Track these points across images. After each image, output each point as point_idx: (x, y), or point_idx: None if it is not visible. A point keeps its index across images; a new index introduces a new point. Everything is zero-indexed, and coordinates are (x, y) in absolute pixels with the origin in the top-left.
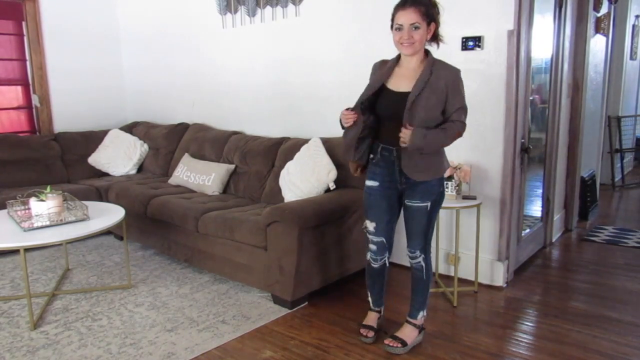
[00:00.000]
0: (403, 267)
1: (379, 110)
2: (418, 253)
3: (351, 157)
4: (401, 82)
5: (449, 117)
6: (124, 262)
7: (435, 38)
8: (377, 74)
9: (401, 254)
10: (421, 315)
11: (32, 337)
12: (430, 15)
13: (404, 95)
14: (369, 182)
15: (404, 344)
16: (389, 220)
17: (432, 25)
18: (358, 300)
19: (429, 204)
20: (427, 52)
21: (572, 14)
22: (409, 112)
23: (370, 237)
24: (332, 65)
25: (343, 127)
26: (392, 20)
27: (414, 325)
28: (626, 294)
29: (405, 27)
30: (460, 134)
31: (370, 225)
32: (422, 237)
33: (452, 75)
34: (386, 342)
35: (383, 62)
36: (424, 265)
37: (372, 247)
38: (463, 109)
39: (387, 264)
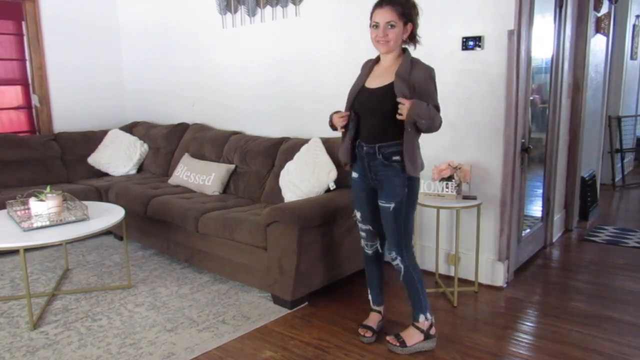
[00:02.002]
0: None
1: (355, 109)
2: (394, 254)
3: (348, 161)
4: (375, 79)
5: None
6: (124, 262)
7: (413, 38)
8: (361, 74)
9: None
10: (422, 318)
11: (32, 337)
12: (407, 15)
13: (374, 91)
14: (353, 174)
15: (403, 344)
16: (371, 211)
17: (409, 25)
18: (358, 300)
19: (392, 205)
20: (404, 50)
21: (572, 14)
22: (390, 105)
23: (359, 225)
24: (332, 65)
25: (333, 129)
26: (371, 18)
27: (417, 328)
28: (626, 294)
29: (380, 25)
30: (439, 125)
31: (357, 214)
32: (394, 238)
33: (427, 73)
34: (388, 338)
35: (368, 62)
36: (402, 267)
37: (362, 234)
38: (437, 107)
39: (381, 251)
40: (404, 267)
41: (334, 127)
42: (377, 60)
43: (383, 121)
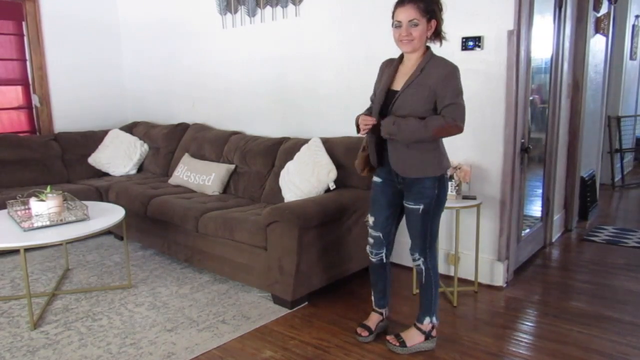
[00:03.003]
0: (404, 267)
1: (382, 110)
2: (417, 256)
3: (375, 164)
4: (400, 80)
5: (439, 113)
6: (124, 262)
7: (438, 35)
8: (384, 75)
9: (401, 254)
10: (427, 321)
11: (32, 337)
12: (431, 11)
13: (395, 93)
14: (375, 178)
15: (403, 344)
16: (387, 217)
17: (433, 22)
18: (358, 300)
19: (421, 206)
20: (427, 49)
21: (572, 14)
22: (393, 108)
23: (369, 230)
24: (332, 65)
25: (358, 131)
26: (393, 17)
27: (419, 329)
28: (626, 294)
29: (403, 24)
30: (446, 128)
31: (370, 219)
32: (419, 240)
33: (444, 72)
34: (387, 338)
35: (389, 62)
36: (423, 268)
37: (370, 240)
38: (456, 106)
39: (386, 261)
40: (425, 269)
41: (358, 129)
42: (401, 59)
43: None
